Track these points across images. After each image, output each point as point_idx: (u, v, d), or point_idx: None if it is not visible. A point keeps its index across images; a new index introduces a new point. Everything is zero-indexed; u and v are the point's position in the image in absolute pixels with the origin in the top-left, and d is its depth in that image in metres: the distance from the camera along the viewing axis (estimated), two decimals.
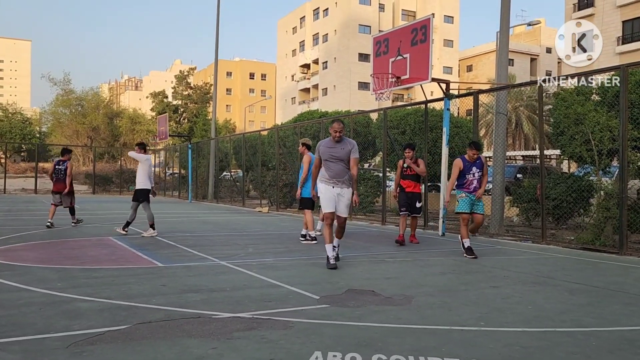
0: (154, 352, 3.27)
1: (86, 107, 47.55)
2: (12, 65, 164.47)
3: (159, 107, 50.27)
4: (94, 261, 6.39)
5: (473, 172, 7.71)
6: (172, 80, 55.11)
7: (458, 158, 7.90)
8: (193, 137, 37.23)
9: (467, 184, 7.73)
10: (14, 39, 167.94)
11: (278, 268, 6.48)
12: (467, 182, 7.73)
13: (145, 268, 6.35)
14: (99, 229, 10.68)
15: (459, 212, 7.77)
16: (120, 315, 4.09)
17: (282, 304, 4.62)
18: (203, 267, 6.43)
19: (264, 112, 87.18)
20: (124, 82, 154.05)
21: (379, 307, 4.55)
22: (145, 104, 63.96)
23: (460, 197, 7.79)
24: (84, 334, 3.58)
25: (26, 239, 8.60)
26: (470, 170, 7.71)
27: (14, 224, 11.12)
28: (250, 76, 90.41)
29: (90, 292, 4.89)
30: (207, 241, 9.02)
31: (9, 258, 6.73)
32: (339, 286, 5.37)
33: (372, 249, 8.48)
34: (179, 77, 54.85)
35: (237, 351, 3.32)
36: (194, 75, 66.32)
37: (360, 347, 3.40)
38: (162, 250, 7.82)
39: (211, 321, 4.00)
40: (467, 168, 7.73)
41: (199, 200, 24.64)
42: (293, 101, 70.87)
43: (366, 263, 7.11)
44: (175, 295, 4.87)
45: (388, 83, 11.07)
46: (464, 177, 7.75)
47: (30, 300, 4.56)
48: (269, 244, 8.97)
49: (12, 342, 3.40)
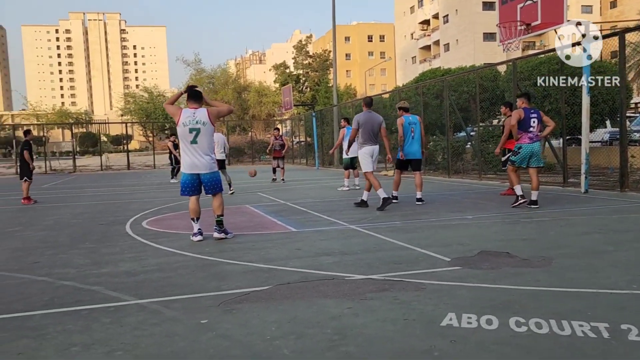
0: (294, 310, 3.50)
1: (216, 84, 50.60)
2: (150, 51, 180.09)
3: (281, 78, 51.90)
4: (235, 228, 6.91)
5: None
6: (292, 51, 56.43)
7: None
8: (316, 105, 38.04)
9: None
10: (150, 27, 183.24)
11: (407, 230, 6.50)
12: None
13: (281, 233, 6.74)
14: (236, 198, 11.48)
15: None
16: (262, 277, 4.42)
17: (412, 266, 4.65)
18: (334, 232, 6.66)
19: (384, 75, 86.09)
20: (248, 57, 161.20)
21: (515, 270, 4.39)
22: (269, 76, 66.40)
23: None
24: (232, 294, 3.93)
25: (175, 209, 9.55)
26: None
27: (164, 196, 12.37)
28: (368, 39, 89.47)
29: (234, 256, 5.32)
30: (335, 206, 9.29)
31: (163, 226, 7.54)
32: (471, 248, 5.25)
33: (505, 209, 8.12)
34: (298, 47, 55.96)
35: (371, 311, 3.43)
36: (313, 44, 67.25)
37: (496, 310, 3.33)
38: (295, 216, 8.22)
39: (345, 283, 4.16)
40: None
41: (325, 166, 25.30)
42: (413, 60, 68.99)
43: (500, 224, 6.84)
44: (310, 258, 5.12)
45: (517, 31, 10.31)
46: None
47: (185, 263, 5.10)
48: (396, 206, 8.99)
49: (173, 300, 3.84)
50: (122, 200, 12.05)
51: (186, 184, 6.17)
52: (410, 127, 9.21)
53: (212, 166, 6.20)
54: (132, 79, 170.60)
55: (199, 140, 6.04)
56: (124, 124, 40.28)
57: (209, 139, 6.14)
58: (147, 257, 5.46)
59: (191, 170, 6.12)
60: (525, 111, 8.06)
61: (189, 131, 6.02)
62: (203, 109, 6.15)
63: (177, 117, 6.07)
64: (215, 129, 6.54)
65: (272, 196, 11.34)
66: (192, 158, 6.08)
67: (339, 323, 3.22)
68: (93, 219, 8.69)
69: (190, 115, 6.05)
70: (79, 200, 12.44)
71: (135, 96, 51.52)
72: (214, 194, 6.26)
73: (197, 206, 6.26)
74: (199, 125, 6.03)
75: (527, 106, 8.19)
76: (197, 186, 6.20)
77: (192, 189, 6.18)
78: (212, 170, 6.20)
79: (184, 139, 6.07)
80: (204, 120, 6.05)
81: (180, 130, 6.07)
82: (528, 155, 8.07)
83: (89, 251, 5.88)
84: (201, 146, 6.07)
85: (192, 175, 6.13)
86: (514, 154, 8.24)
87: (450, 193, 11.06)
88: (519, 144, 8.14)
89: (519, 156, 8.14)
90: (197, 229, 6.26)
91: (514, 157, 8.22)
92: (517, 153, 8.16)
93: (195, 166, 6.09)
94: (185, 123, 6.02)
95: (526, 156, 8.08)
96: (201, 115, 6.07)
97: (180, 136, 6.11)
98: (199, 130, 6.03)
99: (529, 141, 8.04)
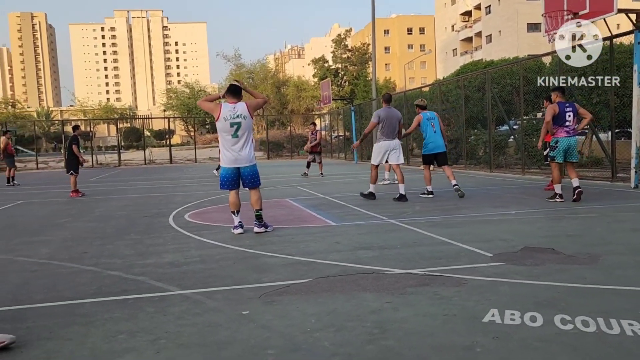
0: (333, 303, 3.51)
1: (256, 79, 51.13)
2: (192, 47, 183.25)
3: (320, 72, 51.92)
4: (274, 221, 6.98)
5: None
6: (331, 45, 56.34)
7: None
8: (355, 99, 37.90)
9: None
10: (191, 23, 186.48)
11: (447, 225, 6.41)
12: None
13: (320, 227, 6.76)
14: (275, 191, 11.58)
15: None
16: (302, 270, 4.45)
17: (453, 261, 4.59)
18: (373, 226, 6.64)
19: (424, 68, 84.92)
20: (287, 51, 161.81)
21: (560, 266, 4.27)
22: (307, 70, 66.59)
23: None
24: (272, 286, 3.98)
25: (216, 203, 9.72)
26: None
27: (206, 189, 12.60)
28: (408, 31, 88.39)
29: (274, 249, 5.38)
30: (375, 201, 9.24)
31: (205, 219, 7.69)
32: (514, 244, 5.14)
33: (549, 204, 7.90)
34: (337, 40, 55.82)
35: (411, 306, 3.40)
36: (352, 37, 67.00)
37: (541, 307, 3.25)
38: (334, 210, 8.23)
39: (384, 277, 4.14)
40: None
41: (364, 160, 25.20)
42: (454, 53, 67.76)
43: (544, 219, 6.67)
44: (349, 252, 5.12)
45: (563, 21, 9.97)
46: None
47: (226, 255, 5.19)
48: (436, 201, 8.89)
49: (215, 292, 3.92)
50: (165, 193, 12.35)
51: (226, 177, 6.27)
52: (429, 122, 9.44)
53: (252, 159, 6.28)
54: (174, 75, 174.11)
55: (239, 134, 6.13)
56: (167, 119, 41.23)
57: (249, 133, 6.23)
58: (190, 248, 5.58)
59: (231, 164, 6.21)
60: (560, 105, 7.97)
61: (230, 125, 6.11)
62: (242, 103, 6.22)
63: (216, 113, 6.16)
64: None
65: (310, 190, 11.39)
66: (232, 152, 6.17)
67: (378, 317, 3.21)
68: (138, 211, 8.95)
69: (230, 110, 6.13)
70: (124, 193, 12.83)
71: (177, 92, 52.69)
72: (252, 187, 6.33)
73: (237, 199, 6.35)
74: (240, 119, 6.11)
75: (562, 100, 8.09)
76: (237, 180, 6.29)
77: (232, 182, 6.28)
78: (252, 164, 6.28)
79: (225, 133, 6.16)
80: (244, 114, 6.13)
81: (220, 125, 6.17)
82: (565, 149, 7.96)
83: (134, 242, 6.07)
84: (242, 140, 6.15)
85: (232, 169, 6.23)
86: (552, 149, 8.10)
87: (491, 188, 10.84)
88: (555, 137, 8.03)
89: (557, 150, 8.01)
90: (238, 222, 6.35)
91: (553, 153, 8.08)
92: (555, 147, 8.04)
93: (236, 160, 6.18)
94: (226, 117, 6.11)
95: (564, 150, 7.96)
96: (241, 109, 6.15)
97: (221, 130, 6.20)
98: (240, 124, 6.11)
99: (565, 135, 7.96)
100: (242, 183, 6.33)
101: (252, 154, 6.30)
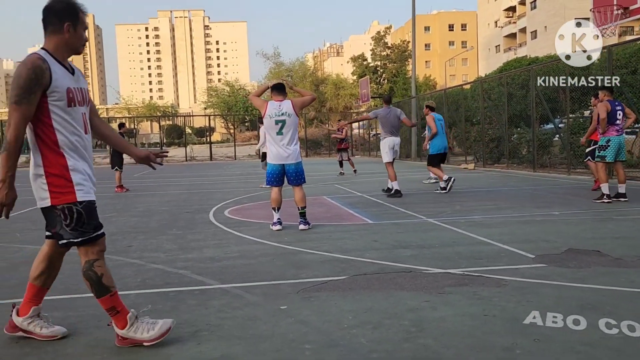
0: (371, 301, 3.52)
1: (294, 77, 51.34)
2: (232, 46, 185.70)
3: (358, 70, 51.70)
4: (313, 218, 7.02)
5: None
6: (370, 43, 56.02)
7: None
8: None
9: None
10: (232, 22, 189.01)
11: (487, 225, 6.31)
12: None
13: (357, 225, 6.77)
14: (313, 189, 11.64)
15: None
16: (339, 267, 4.47)
17: (493, 261, 4.52)
18: (411, 224, 6.59)
19: (466, 65, 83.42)
20: (326, 49, 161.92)
21: (606, 269, 4.15)
22: (346, 68, 66.47)
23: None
24: (310, 282, 4.01)
25: (255, 200, 9.85)
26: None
27: (245, 186, 12.78)
28: (449, 28, 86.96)
29: (312, 245, 5.42)
30: (413, 199, 9.18)
31: (244, 215, 7.81)
32: (557, 245, 5.02)
33: (596, 205, 7.66)
34: (376, 38, 55.46)
35: (450, 305, 3.38)
36: (391, 35, 66.42)
37: (585, 310, 3.17)
38: (372, 208, 8.22)
39: (422, 276, 4.12)
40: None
41: (401, 159, 24.98)
42: (497, 49, 66.33)
43: (589, 221, 6.48)
44: (387, 250, 5.11)
45: (613, 16, 9.64)
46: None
47: (265, 251, 5.26)
48: (476, 201, 8.75)
49: (254, 286, 3.99)
50: (205, 189, 12.60)
51: (272, 174, 6.37)
52: (439, 123, 10.32)
53: (298, 157, 6.36)
54: (215, 73, 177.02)
55: (284, 131, 6.22)
56: (207, 116, 41.96)
57: (294, 130, 6.31)
58: (230, 244, 5.69)
59: (277, 161, 6.30)
60: (611, 103, 7.80)
61: (275, 123, 6.21)
62: (288, 101, 6.31)
63: (263, 110, 6.29)
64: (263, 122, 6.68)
65: (348, 188, 11.39)
66: (278, 149, 6.26)
67: (416, 315, 3.20)
68: (179, 207, 9.16)
69: (276, 108, 6.23)
70: (166, 189, 13.16)
71: (217, 90, 53.51)
72: (297, 185, 6.40)
73: (279, 196, 6.43)
74: (285, 117, 6.20)
75: (611, 98, 7.92)
76: (282, 177, 6.38)
77: (277, 179, 6.37)
78: (297, 161, 6.35)
79: (271, 131, 6.27)
80: (289, 112, 6.22)
81: (266, 122, 6.28)
82: (617, 148, 7.76)
83: (176, 237, 6.23)
84: (287, 137, 6.24)
85: (277, 166, 6.32)
86: (603, 149, 7.83)
87: (535, 187, 10.59)
88: (607, 136, 7.77)
89: (609, 150, 7.77)
90: (277, 219, 6.43)
91: (605, 152, 7.80)
92: (606, 147, 7.77)
93: (281, 157, 6.27)
94: (271, 115, 6.22)
95: (616, 149, 7.76)
96: (286, 107, 6.24)
97: (267, 128, 6.33)
98: (285, 122, 6.20)
99: (616, 133, 7.77)
100: (286, 180, 6.40)
101: (297, 151, 6.37)
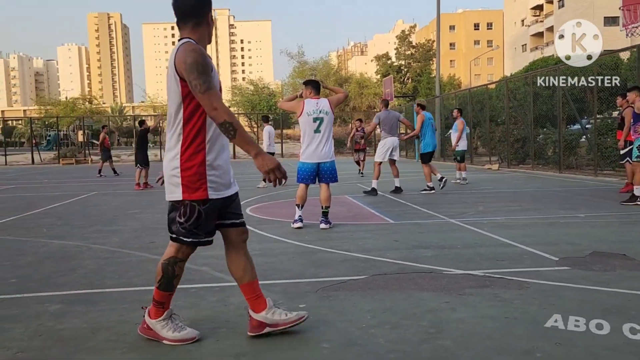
0: (390, 301, 3.50)
1: (318, 76, 51.38)
2: (256, 44, 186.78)
3: (382, 69, 51.47)
4: (334, 217, 7.01)
5: None
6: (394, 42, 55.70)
7: None
8: (417, 96, 37.33)
9: None
10: (257, 21, 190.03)
11: (511, 227, 6.22)
12: None
13: (378, 224, 6.75)
14: (335, 188, 11.61)
15: None
16: (359, 267, 4.47)
17: (516, 263, 4.46)
18: (432, 225, 6.54)
19: (491, 64, 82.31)
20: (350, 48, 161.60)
21: (632, 273, 4.05)
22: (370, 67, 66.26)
23: None
24: (329, 281, 4.02)
25: (275, 198, 9.90)
26: None
27: (267, 184, 12.83)
28: (474, 27, 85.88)
29: (332, 244, 5.43)
30: (435, 199, 9.11)
31: (265, 214, 7.85)
32: (581, 248, 4.92)
33: (623, 208, 7.49)
34: (401, 37, 55.13)
35: (470, 307, 3.34)
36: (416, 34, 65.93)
37: (609, 314, 3.10)
38: (393, 208, 8.18)
39: (443, 277, 4.09)
40: None
41: None
42: (523, 49, 65.27)
43: (616, 224, 6.34)
44: (407, 250, 5.08)
45: None
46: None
47: (285, 250, 5.29)
48: (500, 202, 8.64)
49: (273, 284, 4.01)
50: None
51: (305, 172, 6.40)
52: (430, 122, 10.59)
53: (332, 155, 6.42)
54: (239, 72, 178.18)
55: (322, 129, 6.27)
56: None
57: (330, 129, 6.37)
58: (251, 242, 5.67)
59: (314, 160, 6.34)
60: None
61: (313, 120, 6.27)
62: (325, 99, 6.35)
63: (299, 109, 6.34)
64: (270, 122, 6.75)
65: (370, 187, 11.33)
66: (314, 147, 6.30)
67: (435, 316, 3.18)
68: None
69: (313, 105, 6.28)
70: None
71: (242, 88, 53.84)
72: (328, 183, 6.43)
73: (306, 194, 6.46)
74: (322, 115, 6.25)
75: None
76: (315, 175, 6.41)
77: (310, 177, 6.41)
78: (332, 160, 6.42)
79: (308, 128, 6.31)
80: (327, 110, 6.27)
81: (303, 120, 6.32)
82: None
83: None
84: (324, 135, 6.29)
85: (313, 164, 6.35)
86: (639, 149, 7.62)
87: (560, 189, 10.40)
88: None
89: None
90: (298, 216, 6.45)
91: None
92: None
93: (318, 155, 6.32)
94: (309, 113, 6.27)
95: None
96: (324, 105, 6.29)
97: (304, 125, 6.36)
98: (322, 120, 6.25)
99: None
100: (319, 178, 6.43)
101: (332, 149, 6.42)
